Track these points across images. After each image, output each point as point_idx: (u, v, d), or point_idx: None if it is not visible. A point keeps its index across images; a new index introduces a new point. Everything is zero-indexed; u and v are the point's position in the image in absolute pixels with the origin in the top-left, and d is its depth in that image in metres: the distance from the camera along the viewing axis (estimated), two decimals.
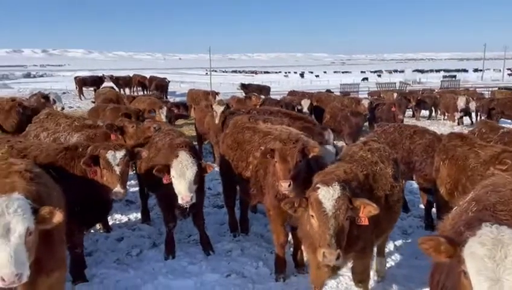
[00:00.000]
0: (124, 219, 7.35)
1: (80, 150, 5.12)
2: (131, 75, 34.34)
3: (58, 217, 3.12)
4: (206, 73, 79.76)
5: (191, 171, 5.04)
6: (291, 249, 5.68)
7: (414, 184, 7.89)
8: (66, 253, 4.25)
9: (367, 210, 3.65)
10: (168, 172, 5.08)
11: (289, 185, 4.54)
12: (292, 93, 20.07)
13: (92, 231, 6.43)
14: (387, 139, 7.03)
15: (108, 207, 5.30)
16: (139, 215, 7.47)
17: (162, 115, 10.89)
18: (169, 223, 5.87)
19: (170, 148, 5.58)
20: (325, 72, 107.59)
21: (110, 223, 6.99)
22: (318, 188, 3.61)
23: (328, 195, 3.55)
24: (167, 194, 5.42)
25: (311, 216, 3.63)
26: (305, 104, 13.53)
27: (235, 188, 6.65)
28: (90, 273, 5.32)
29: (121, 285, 5.12)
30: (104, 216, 5.95)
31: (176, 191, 5.07)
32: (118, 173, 4.81)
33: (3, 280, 2.74)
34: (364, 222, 3.69)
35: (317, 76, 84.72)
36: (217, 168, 10.34)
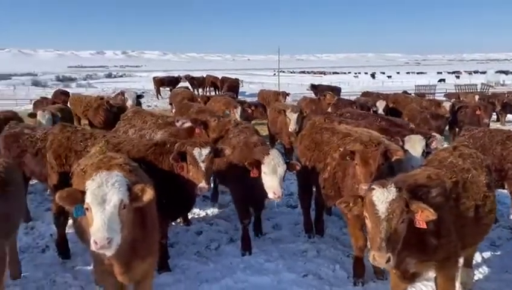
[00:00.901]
0: (202, 213, 7.65)
1: (168, 146, 5.40)
2: (204, 75, 35.58)
3: (149, 194, 3.38)
4: (274, 74, 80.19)
5: (282, 168, 5.32)
6: None
7: (503, 193, 7.35)
8: None
9: (424, 215, 3.47)
10: (258, 167, 5.33)
11: None
12: (366, 94, 19.54)
13: (173, 223, 6.77)
14: (476, 144, 6.61)
15: (192, 201, 5.55)
16: (216, 210, 7.75)
17: (237, 114, 11.15)
18: (244, 219, 6.08)
19: (251, 146, 5.86)
20: (397, 72, 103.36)
21: (189, 217, 7.30)
22: (373, 189, 3.51)
23: (382, 197, 3.43)
24: (243, 190, 5.76)
25: (366, 217, 3.55)
26: (381, 105, 13.13)
27: (311, 189, 6.63)
28: (172, 263, 5.61)
29: (202, 277, 5.35)
30: (188, 210, 6.23)
31: (267, 186, 5.32)
32: (203, 169, 5.01)
33: (95, 243, 3.03)
34: (422, 225, 3.52)
35: (389, 77, 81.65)
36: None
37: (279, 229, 6.89)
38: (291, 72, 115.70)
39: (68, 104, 15.44)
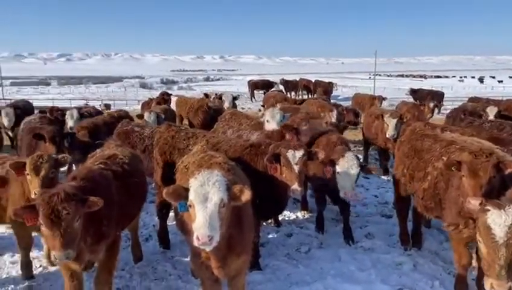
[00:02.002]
0: (292, 216, 7.69)
1: (263, 147, 5.52)
2: (297, 79, 35.74)
3: (247, 195, 3.47)
4: (370, 77, 77.54)
5: (355, 171, 5.61)
6: (474, 272, 5.10)
7: None
8: None
9: None
10: (332, 165, 5.73)
11: (480, 204, 4.08)
12: (474, 99, 17.93)
13: (264, 224, 6.91)
14: None
15: (285, 203, 5.60)
16: (305, 214, 7.73)
17: (333, 117, 11.00)
18: (320, 205, 6.92)
19: (332, 145, 6.36)
20: (510, 77, 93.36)
21: (280, 218, 7.38)
22: (487, 210, 3.15)
23: (499, 220, 3.09)
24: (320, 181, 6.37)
25: (479, 241, 3.21)
26: (491, 111, 11.96)
27: (409, 198, 6.29)
28: (263, 263, 5.73)
29: (292, 279, 5.37)
30: (280, 211, 6.30)
31: (340, 186, 5.67)
32: (296, 171, 5.04)
33: (198, 238, 3.19)
34: None
35: (500, 81, 74.06)
36: (384, 177, 10.07)
37: (372, 239, 6.64)
38: (388, 76, 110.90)
39: (171, 105, 16.58)
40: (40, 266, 5.70)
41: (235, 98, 15.54)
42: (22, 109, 13.86)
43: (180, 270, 5.60)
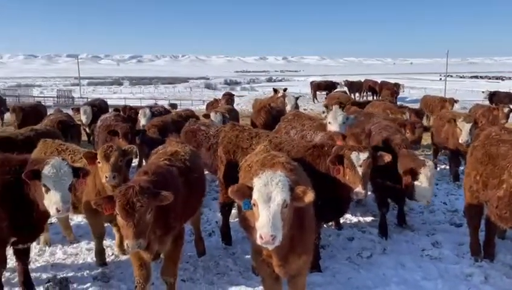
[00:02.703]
0: (354, 219, 7.54)
1: (326, 148, 5.49)
2: (362, 80, 34.87)
3: (310, 196, 3.47)
4: (440, 78, 73.61)
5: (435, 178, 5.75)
6: None
7: None
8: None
9: None
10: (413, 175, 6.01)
11: None
12: None
13: (324, 225, 6.84)
14: None
15: (347, 205, 5.53)
16: (369, 218, 7.55)
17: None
18: (382, 207, 6.86)
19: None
20: None
21: (341, 221, 7.27)
22: None
23: None
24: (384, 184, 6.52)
25: None
26: None
27: (481, 207, 5.91)
28: (323, 265, 5.68)
29: (352, 283, 5.29)
30: (342, 213, 6.20)
31: (421, 196, 6.02)
32: (360, 173, 4.95)
33: (261, 237, 3.25)
34: None
35: None
36: (454, 183, 9.55)
37: (439, 247, 6.32)
38: (461, 77, 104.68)
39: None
40: (112, 254, 6.09)
41: (296, 99, 15.51)
42: (98, 107, 14.91)
43: (241, 267, 5.72)
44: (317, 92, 31.55)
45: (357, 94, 32.64)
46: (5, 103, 18.43)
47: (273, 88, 19.27)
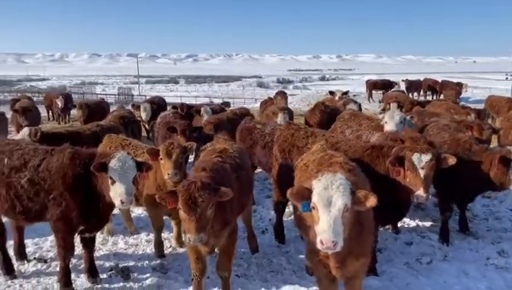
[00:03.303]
0: (412, 223, 7.26)
1: (385, 149, 5.32)
2: (421, 79, 33.46)
3: (372, 201, 3.39)
4: (507, 78, 68.97)
5: None
6: None
7: None
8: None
9: None
10: None
11: None
12: None
13: (380, 229, 6.65)
14: None
15: (406, 208, 5.33)
16: (427, 223, 7.24)
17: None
18: (445, 212, 6.48)
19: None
20: None
21: (399, 225, 7.03)
22: None
23: None
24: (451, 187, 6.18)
25: None
26: None
27: None
28: (380, 268, 5.53)
29: (411, 288, 5.11)
30: (401, 217, 6.01)
31: None
32: (421, 176, 4.76)
33: (321, 243, 3.21)
34: None
35: None
36: None
37: (506, 257, 5.94)
38: None
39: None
40: (170, 246, 6.30)
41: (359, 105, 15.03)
42: (157, 105, 15.50)
43: (294, 266, 5.70)
44: (373, 91, 30.70)
45: (415, 94, 31.38)
46: (72, 99, 19.66)
47: (329, 91, 18.91)
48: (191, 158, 10.33)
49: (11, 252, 5.63)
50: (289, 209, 7.07)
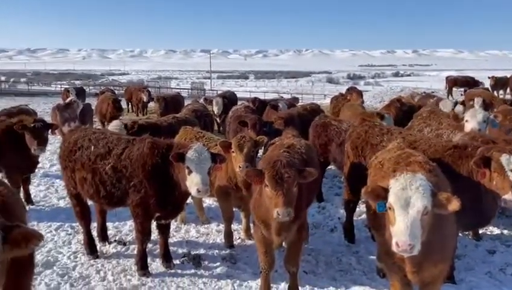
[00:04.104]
0: (496, 231, 6.71)
1: (469, 149, 4.96)
2: (508, 76, 30.78)
3: (455, 205, 3.18)
4: None
5: None
6: None
7: None
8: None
9: None
10: None
11: None
12: None
13: (459, 234, 6.24)
14: None
15: (492, 214, 4.92)
16: None
17: None
18: None
19: None
20: None
21: (480, 231, 6.54)
22: None
23: None
24: None
25: None
26: None
27: None
28: (458, 276, 5.18)
29: None
30: (485, 223, 5.52)
31: None
32: (510, 179, 4.36)
33: (397, 245, 3.07)
34: None
35: None
36: None
37: None
38: None
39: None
40: (239, 238, 6.42)
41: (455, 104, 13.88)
42: (229, 99, 15.84)
43: (365, 267, 5.54)
44: (454, 88, 28.80)
45: (501, 91, 28.95)
46: (150, 93, 20.72)
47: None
48: (260, 152, 10.47)
49: (94, 234, 6.07)
50: (359, 208, 6.88)
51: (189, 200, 7.04)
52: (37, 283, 4.93)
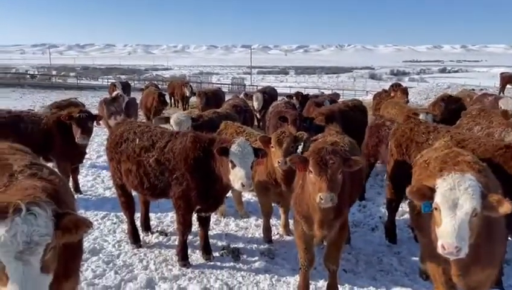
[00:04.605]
0: None
1: None
2: None
3: (507, 207, 3.03)
4: None
5: None
6: None
7: None
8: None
9: None
10: None
11: None
12: None
13: (509, 238, 5.93)
14: None
15: None
16: None
17: None
18: None
19: None
20: None
21: None
22: None
23: None
24: None
25: None
26: None
27: None
28: (506, 282, 4.96)
29: None
30: None
31: None
32: None
33: (443, 247, 2.97)
34: None
35: None
36: None
37: None
38: None
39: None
40: (277, 233, 6.42)
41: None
42: (269, 94, 15.82)
43: (407, 268, 5.39)
44: (508, 86, 27.32)
45: None
46: (192, 88, 21.07)
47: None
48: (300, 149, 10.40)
49: (137, 224, 6.26)
50: (402, 208, 6.70)
51: (228, 194, 7.15)
52: (84, 268, 5.15)
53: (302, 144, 7.11)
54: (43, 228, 2.29)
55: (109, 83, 28.61)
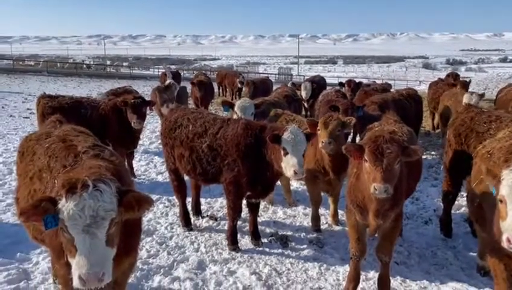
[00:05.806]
0: None
1: None
2: None
3: None
4: None
5: None
6: None
7: None
8: None
9: None
10: None
11: None
12: None
13: None
14: None
15: None
16: None
17: None
18: None
19: None
20: None
21: None
22: None
23: None
24: None
25: None
26: None
27: None
28: None
29: None
30: None
31: None
32: None
33: (508, 241, 2.90)
34: None
35: None
36: None
37: None
38: None
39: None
40: (326, 223, 6.36)
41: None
42: (317, 84, 15.60)
43: (463, 263, 5.17)
44: None
45: None
46: (244, 78, 21.29)
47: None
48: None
49: (189, 208, 6.43)
50: (458, 201, 6.42)
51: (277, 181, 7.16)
52: (139, 248, 5.37)
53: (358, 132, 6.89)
54: (108, 204, 2.41)
55: (160, 73, 29.42)
